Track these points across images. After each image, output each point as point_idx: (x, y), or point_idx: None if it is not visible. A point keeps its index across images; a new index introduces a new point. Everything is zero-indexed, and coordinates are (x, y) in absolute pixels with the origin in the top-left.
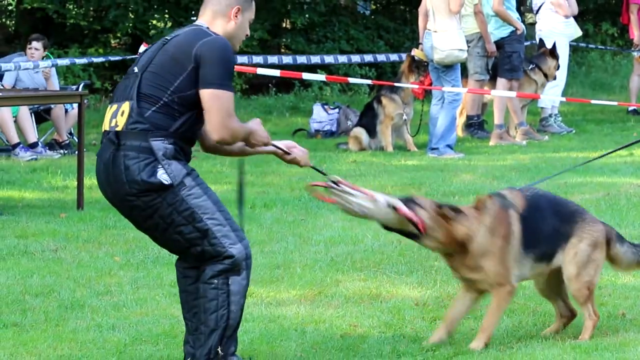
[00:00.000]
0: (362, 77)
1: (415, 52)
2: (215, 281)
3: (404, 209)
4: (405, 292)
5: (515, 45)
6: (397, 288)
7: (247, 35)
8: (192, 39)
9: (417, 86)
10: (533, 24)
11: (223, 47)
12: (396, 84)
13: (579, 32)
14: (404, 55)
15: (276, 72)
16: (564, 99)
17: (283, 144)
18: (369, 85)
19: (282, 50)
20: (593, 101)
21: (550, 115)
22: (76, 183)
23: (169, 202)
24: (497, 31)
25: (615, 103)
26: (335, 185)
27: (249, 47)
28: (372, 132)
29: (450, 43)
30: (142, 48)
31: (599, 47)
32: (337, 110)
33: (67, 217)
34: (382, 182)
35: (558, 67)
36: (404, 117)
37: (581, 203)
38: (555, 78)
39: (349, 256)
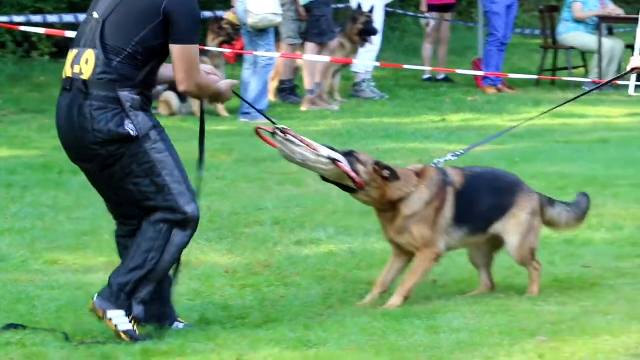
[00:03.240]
0: None
1: (228, 16)
2: (161, 225)
3: (343, 163)
4: (215, 260)
5: (323, 8)
6: (206, 255)
7: None
8: None
9: (229, 50)
10: None
11: (192, 2)
12: (207, 48)
13: None
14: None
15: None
16: (377, 64)
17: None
18: None
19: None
20: (406, 66)
21: (363, 81)
22: None
23: (132, 153)
24: None
25: (428, 68)
26: (281, 133)
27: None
28: (182, 96)
29: (264, 7)
30: None
31: (418, 15)
32: None
33: None
34: (193, 147)
35: (368, 33)
36: None
37: None
38: (363, 45)
39: None
